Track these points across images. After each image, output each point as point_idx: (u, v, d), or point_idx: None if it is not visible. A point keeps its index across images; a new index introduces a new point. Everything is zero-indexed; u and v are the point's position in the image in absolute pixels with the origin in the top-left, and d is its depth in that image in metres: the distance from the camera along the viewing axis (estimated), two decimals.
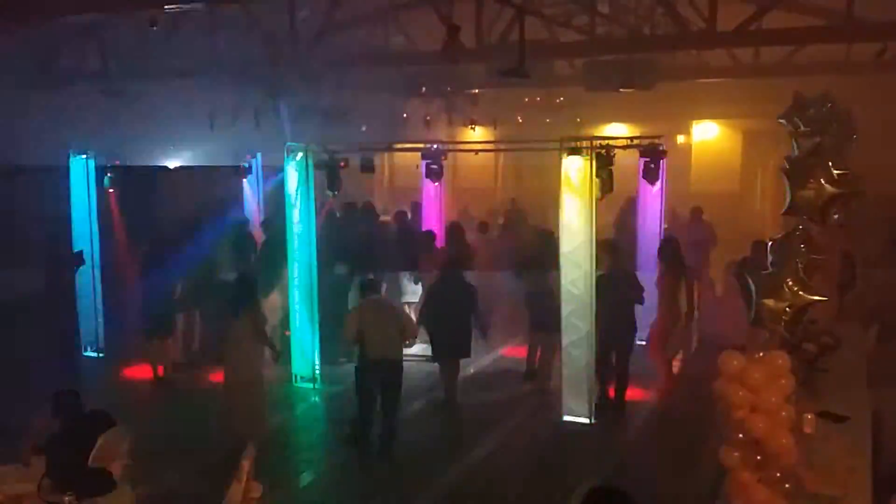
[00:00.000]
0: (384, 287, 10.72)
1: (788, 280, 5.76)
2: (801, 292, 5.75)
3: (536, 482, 7.83)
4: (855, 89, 10.34)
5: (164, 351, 10.82)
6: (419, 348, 11.06)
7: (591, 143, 9.06)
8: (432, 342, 10.01)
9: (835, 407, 5.92)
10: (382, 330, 8.22)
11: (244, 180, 14.05)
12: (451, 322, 9.67)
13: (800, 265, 5.77)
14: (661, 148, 11.21)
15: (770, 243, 6.06)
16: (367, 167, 12.62)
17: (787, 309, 5.72)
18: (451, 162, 14.59)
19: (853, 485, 5.13)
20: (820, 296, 5.78)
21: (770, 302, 5.80)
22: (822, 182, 5.85)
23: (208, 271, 11.20)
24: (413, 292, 11.96)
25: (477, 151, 15.59)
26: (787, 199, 5.99)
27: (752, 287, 5.93)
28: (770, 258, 6.00)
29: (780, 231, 6.01)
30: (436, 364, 10.11)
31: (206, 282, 11.05)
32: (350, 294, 10.71)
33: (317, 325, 10.29)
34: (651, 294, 9.96)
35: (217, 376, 9.14)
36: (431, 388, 10.23)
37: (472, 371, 11.07)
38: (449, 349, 9.80)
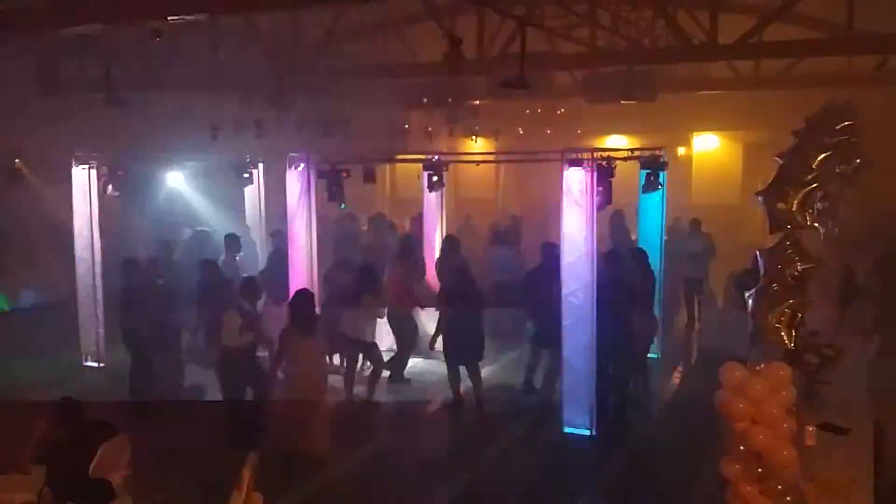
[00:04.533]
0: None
1: (777, 287, 5.79)
2: (791, 298, 5.78)
3: (537, 494, 7.81)
4: (855, 102, 10.38)
5: None
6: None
7: (592, 155, 9.09)
8: (445, 348, 10.27)
9: (836, 419, 5.91)
10: None
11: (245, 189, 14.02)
12: (461, 329, 9.96)
13: (791, 273, 5.80)
14: (662, 159, 11.22)
15: (759, 254, 6.11)
16: (369, 178, 12.64)
17: (782, 318, 5.74)
18: (453, 173, 14.61)
19: (855, 497, 5.13)
20: (814, 304, 5.83)
21: (767, 313, 5.82)
22: (789, 189, 5.89)
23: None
24: None
25: (478, 163, 15.61)
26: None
27: (749, 300, 5.96)
28: (762, 269, 6.03)
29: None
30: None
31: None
32: None
33: None
34: None
35: None
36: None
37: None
38: (457, 356, 10.06)
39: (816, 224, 5.94)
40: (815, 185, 5.87)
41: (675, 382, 11.14)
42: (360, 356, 10.50)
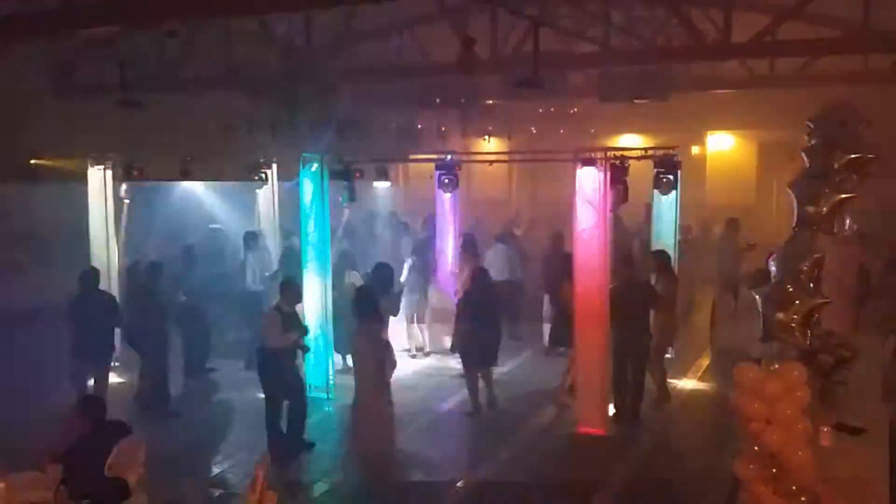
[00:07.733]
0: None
1: (791, 287, 5.78)
2: (806, 298, 5.77)
3: (550, 494, 7.79)
4: (872, 100, 10.32)
5: None
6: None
7: (606, 154, 9.06)
8: (462, 352, 10.18)
9: (851, 419, 5.88)
10: None
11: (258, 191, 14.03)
12: (479, 332, 9.86)
13: (802, 269, 5.80)
14: (675, 159, 11.18)
15: (771, 255, 6.11)
16: (382, 177, 12.66)
17: (794, 316, 5.73)
18: (466, 173, 14.59)
19: (870, 498, 5.10)
20: (825, 298, 5.82)
21: (779, 313, 5.80)
22: (827, 191, 5.88)
23: None
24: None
25: (491, 162, 15.60)
26: (795, 214, 6.03)
27: (759, 301, 5.96)
28: (773, 270, 6.03)
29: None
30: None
31: None
32: None
33: (331, 336, 10.31)
34: None
35: None
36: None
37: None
38: (475, 358, 9.98)
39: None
40: (847, 190, 5.88)
41: (689, 382, 11.10)
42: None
